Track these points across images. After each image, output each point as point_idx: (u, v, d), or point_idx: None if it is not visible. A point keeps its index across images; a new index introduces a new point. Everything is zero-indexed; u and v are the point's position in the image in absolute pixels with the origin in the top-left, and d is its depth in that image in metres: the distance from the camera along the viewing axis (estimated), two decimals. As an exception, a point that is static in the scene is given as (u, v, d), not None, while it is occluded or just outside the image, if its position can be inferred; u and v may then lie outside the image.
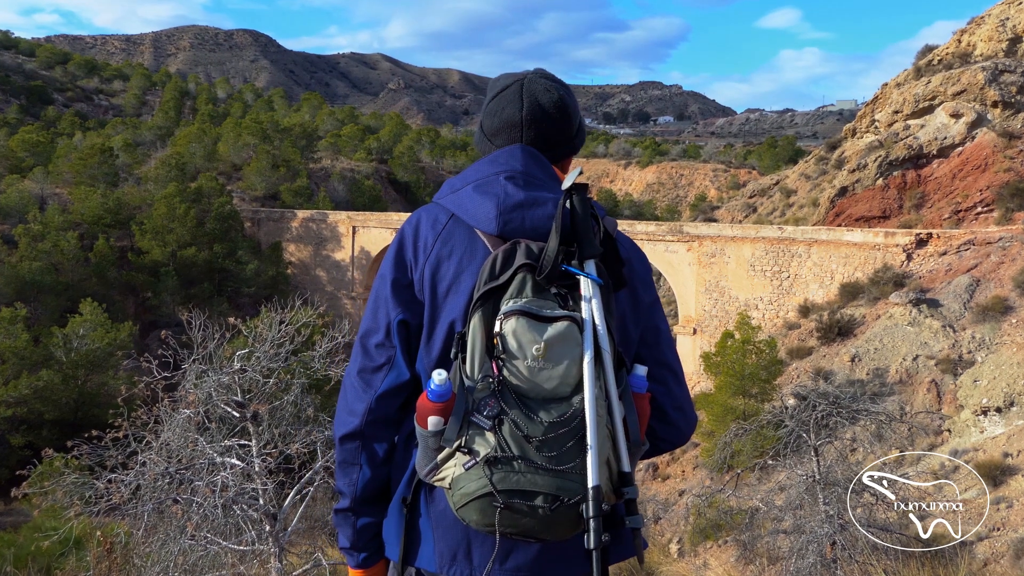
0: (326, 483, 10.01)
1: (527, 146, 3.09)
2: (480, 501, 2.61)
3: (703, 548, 22.99)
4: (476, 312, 2.74)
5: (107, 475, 9.34)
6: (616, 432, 2.70)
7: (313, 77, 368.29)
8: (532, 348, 2.63)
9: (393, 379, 2.99)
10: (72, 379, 37.56)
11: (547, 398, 2.65)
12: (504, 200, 2.92)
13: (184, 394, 9.85)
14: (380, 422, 3.01)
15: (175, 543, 9.06)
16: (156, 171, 63.64)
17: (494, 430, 2.61)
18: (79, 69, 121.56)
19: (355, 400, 3.02)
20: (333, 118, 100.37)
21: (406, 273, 3.01)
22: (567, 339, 2.65)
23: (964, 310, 32.43)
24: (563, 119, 3.16)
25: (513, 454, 2.59)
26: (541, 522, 2.61)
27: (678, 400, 3.13)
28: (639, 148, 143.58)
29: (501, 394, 2.63)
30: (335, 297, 58.93)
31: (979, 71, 46.75)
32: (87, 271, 50.09)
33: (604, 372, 2.71)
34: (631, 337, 3.06)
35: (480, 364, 2.68)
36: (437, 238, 2.99)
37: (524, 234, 2.89)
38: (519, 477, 2.58)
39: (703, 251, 43.80)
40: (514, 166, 3.02)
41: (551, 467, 2.58)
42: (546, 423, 2.60)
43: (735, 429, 17.81)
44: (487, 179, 3.01)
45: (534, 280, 2.73)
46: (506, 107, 3.13)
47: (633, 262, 3.08)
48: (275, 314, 10.91)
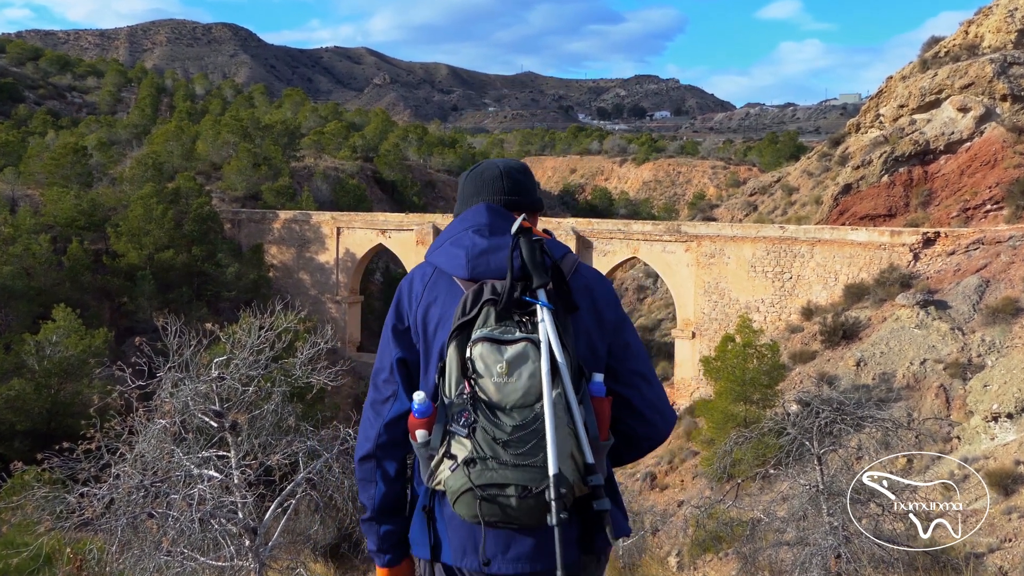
0: (308, 495, 9.99)
1: (491, 204, 4.01)
2: (465, 496, 3.43)
3: (703, 561, 22.97)
4: (452, 342, 3.57)
5: (79, 489, 9.31)
6: (578, 430, 3.46)
7: (295, 72, 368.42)
8: (496, 367, 3.45)
9: (397, 408, 3.86)
10: (45, 388, 37.38)
11: (515, 406, 3.43)
12: (471, 249, 3.79)
13: (160, 403, 9.83)
14: (389, 445, 3.89)
15: (150, 559, 9.02)
16: (132, 171, 63.35)
17: (469, 436, 3.43)
18: (51, 65, 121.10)
19: (368, 428, 3.92)
20: (316, 115, 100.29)
21: (403, 320, 3.92)
22: (524, 357, 3.46)
23: (973, 312, 32.44)
24: (526, 176, 4.18)
25: (486, 454, 3.39)
26: (516, 509, 3.40)
27: (651, 401, 3.89)
28: (635, 144, 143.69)
29: (474, 406, 3.44)
30: (319, 301, 58.85)
31: (987, 63, 46.85)
32: (60, 275, 49.89)
33: (562, 381, 3.46)
34: (598, 351, 3.83)
35: (456, 384, 3.51)
36: (425, 288, 3.88)
37: (490, 275, 3.72)
38: (492, 473, 3.38)
39: (702, 251, 43.82)
40: (479, 220, 3.92)
41: (518, 463, 3.37)
42: (510, 427, 3.40)
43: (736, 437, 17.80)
44: (458, 234, 3.90)
45: (496, 311, 3.55)
46: (483, 172, 4.13)
47: (594, 288, 3.88)
48: (255, 319, 10.87)
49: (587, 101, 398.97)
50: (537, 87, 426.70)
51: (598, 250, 47.58)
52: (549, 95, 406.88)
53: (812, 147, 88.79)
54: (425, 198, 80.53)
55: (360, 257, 58.00)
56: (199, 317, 38.74)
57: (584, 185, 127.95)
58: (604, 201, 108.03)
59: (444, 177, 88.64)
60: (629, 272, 71.25)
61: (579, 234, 47.89)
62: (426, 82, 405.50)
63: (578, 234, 47.86)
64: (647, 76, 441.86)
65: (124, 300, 52.52)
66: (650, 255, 46.55)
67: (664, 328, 59.97)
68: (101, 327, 43.55)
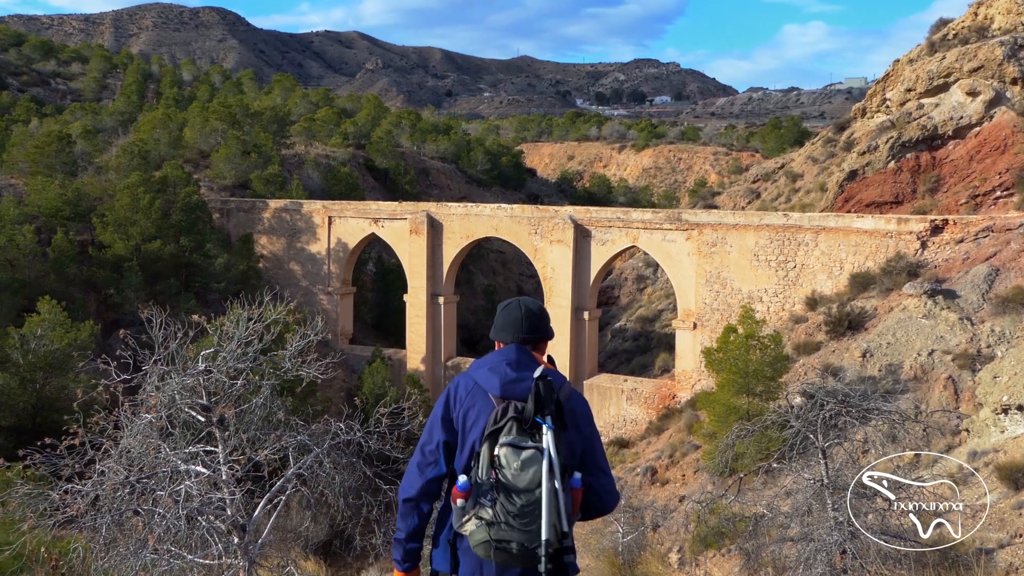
0: (299, 492, 9.96)
1: (520, 345, 6.19)
2: (483, 544, 5.61)
3: (705, 557, 22.98)
4: (485, 443, 5.69)
5: (63, 485, 9.27)
6: (561, 510, 5.53)
7: (285, 57, 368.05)
8: (514, 464, 5.55)
9: (436, 472, 6.08)
10: (30, 382, 37.34)
11: (523, 490, 5.52)
12: (504, 378, 5.97)
13: (145, 397, 9.78)
14: (426, 495, 6.12)
15: (136, 558, 8.99)
16: (118, 159, 63.20)
17: (492, 507, 5.55)
18: (34, 51, 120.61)
19: (414, 480, 6.11)
20: (307, 101, 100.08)
21: (449, 413, 6.08)
22: (533, 460, 5.55)
23: (983, 301, 32.45)
24: (543, 316, 6.38)
25: (501, 520, 5.53)
26: (516, 557, 5.60)
27: (607, 488, 6.16)
28: (634, 130, 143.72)
29: (497, 488, 5.56)
30: (310, 292, 58.84)
31: (997, 46, 46.79)
32: (45, 267, 49.78)
33: (555, 477, 5.52)
34: (576, 452, 5.99)
35: (486, 471, 5.62)
36: (467, 395, 6.05)
37: (515, 397, 5.84)
38: (504, 532, 5.54)
39: (703, 240, 43.78)
40: (511, 357, 6.11)
41: (522, 528, 5.53)
42: (519, 504, 5.51)
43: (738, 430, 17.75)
44: (496, 364, 6.09)
45: (518, 425, 5.65)
46: (511, 312, 6.31)
47: (576, 411, 6.06)
48: (243, 311, 10.82)
49: (585, 86, 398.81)
50: (534, 72, 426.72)
51: (596, 239, 47.52)
52: (546, 80, 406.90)
53: (816, 132, 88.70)
54: (419, 186, 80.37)
55: (352, 247, 57.93)
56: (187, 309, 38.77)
57: (582, 172, 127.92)
58: (603, 188, 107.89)
59: (438, 165, 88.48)
60: (628, 262, 71.21)
61: (577, 223, 47.83)
62: (420, 67, 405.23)
63: (576, 223, 47.81)
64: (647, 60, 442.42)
65: (110, 292, 52.38)
66: (650, 244, 46.50)
67: (664, 319, 59.93)
68: (87, 320, 43.45)
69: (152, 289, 51.35)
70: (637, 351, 60.39)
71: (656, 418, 42.86)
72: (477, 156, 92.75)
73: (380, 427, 10.50)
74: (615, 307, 69.51)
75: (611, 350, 61.99)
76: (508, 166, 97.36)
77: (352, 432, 10.11)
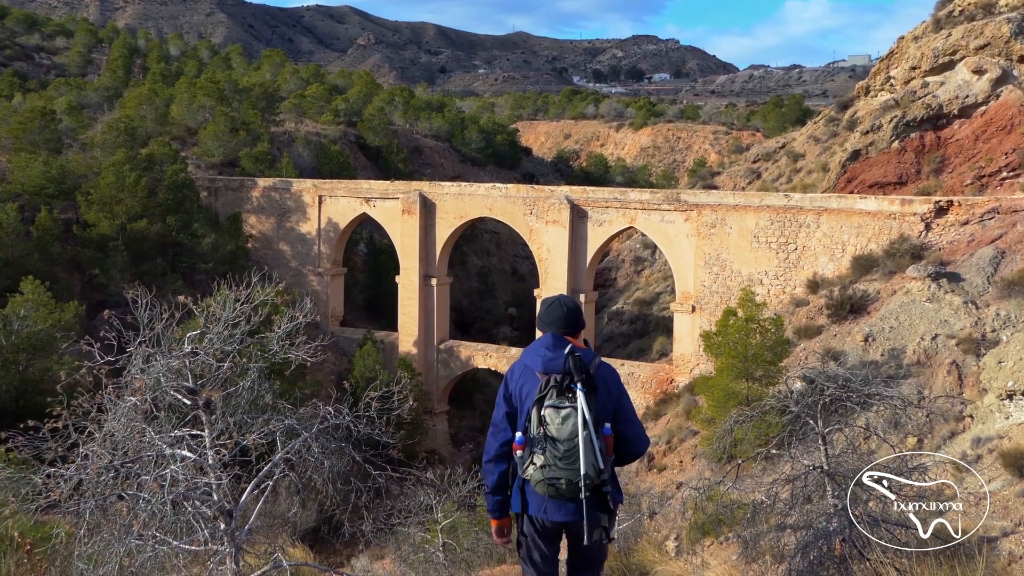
0: (287, 476, 9.97)
1: (556, 333, 7.91)
2: (541, 483, 7.46)
3: (702, 545, 23.04)
4: (535, 407, 7.51)
5: (45, 469, 9.26)
6: (596, 452, 7.34)
7: (275, 32, 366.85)
8: (556, 420, 7.40)
9: (505, 437, 7.86)
10: (13, 364, 37.41)
11: (564, 439, 7.37)
12: (544, 358, 7.75)
13: (130, 380, 9.76)
14: (500, 456, 7.93)
15: (120, 543, 8.98)
16: (103, 136, 63.14)
17: (543, 453, 7.42)
18: (18, 24, 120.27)
19: (490, 445, 7.96)
20: (297, 77, 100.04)
21: (508, 391, 7.92)
22: (570, 416, 7.37)
23: (988, 285, 32.48)
24: (578, 311, 8.11)
25: (550, 463, 7.40)
26: (564, 490, 7.40)
27: (636, 435, 7.91)
28: (632, 108, 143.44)
29: (544, 439, 7.43)
30: (300, 273, 58.83)
31: (1004, 23, 46.78)
32: (28, 246, 49.77)
33: (589, 427, 7.28)
34: (608, 410, 7.71)
35: (536, 427, 7.48)
36: (520, 375, 7.88)
37: (554, 371, 7.57)
38: (554, 472, 7.39)
39: (702, 221, 43.78)
40: (548, 342, 7.86)
41: (566, 467, 7.35)
42: (562, 451, 7.37)
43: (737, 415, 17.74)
44: (538, 349, 7.89)
45: (558, 391, 7.45)
46: (554, 311, 7.99)
47: (607, 377, 7.79)
48: (231, 291, 10.80)
49: (582, 63, 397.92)
50: (529, 48, 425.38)
51: (593, 220, 47.48)
52: (542, 56, 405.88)
53: (819, 111, 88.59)
54: (411, 165, 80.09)
55: (343, 227, 57.94)
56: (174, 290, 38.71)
57: (579, 151, 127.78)
58: (600, 168, 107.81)
59: (431, 143, 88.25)
60: (626, 243, 71.23)
61: (573, 203, 47.80)
62: (413, 43, 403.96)
63: (572, 203, 47.77)
64: (645, 36, 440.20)
65: (95, 272, 52.38)
66: (648, 225, 46.51)
67: (662, 302, 60.02)
68: (71, 300, 43.58)
69: (138, 269, 51.33)
70: (634, 334, 60.54)
71: (654, 403, 42.92)
72: (471, 134, 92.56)
73: (370, 411, 10.51)
74: (612, 289, 69.62)
75: (608, 333, 62.12)
76: (503, 145, 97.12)
77: (341, 416, 10.10)
